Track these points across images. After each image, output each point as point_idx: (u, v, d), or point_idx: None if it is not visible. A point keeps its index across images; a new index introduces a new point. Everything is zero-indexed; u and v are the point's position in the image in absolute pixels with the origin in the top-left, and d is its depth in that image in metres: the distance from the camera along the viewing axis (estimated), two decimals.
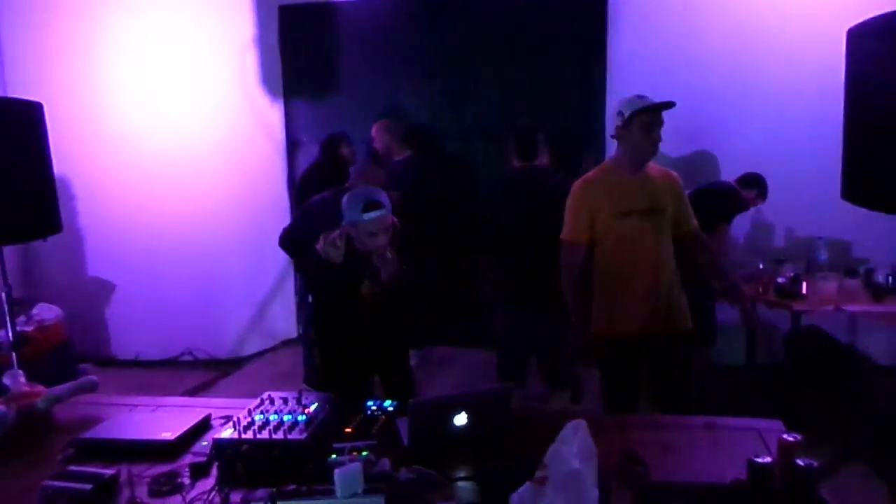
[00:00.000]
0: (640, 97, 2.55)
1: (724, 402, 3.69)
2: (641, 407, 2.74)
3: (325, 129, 4.44)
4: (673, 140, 2.77)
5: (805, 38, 4.04)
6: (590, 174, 2.68)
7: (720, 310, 3.84)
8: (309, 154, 4.76)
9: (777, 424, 1.84)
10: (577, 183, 2.66)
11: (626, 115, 2.51)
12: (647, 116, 2.50)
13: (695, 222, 2.70)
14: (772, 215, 4.14)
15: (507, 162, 3.78)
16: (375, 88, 4.83)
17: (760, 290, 3.75)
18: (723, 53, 4.21)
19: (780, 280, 3.73)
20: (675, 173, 2.70)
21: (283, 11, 4.78)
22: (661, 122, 2.53)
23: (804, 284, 3.65)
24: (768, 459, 1.51)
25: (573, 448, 1.38)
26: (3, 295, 3.05)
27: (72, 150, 4.38)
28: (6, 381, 2.24)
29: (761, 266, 3.93)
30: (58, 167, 3.07)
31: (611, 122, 2.73)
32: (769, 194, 4.00)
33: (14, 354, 3.05)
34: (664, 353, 2.62)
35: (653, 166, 2.64)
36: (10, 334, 3.11)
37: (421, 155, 4.48)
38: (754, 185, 3.90)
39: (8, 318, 3.08)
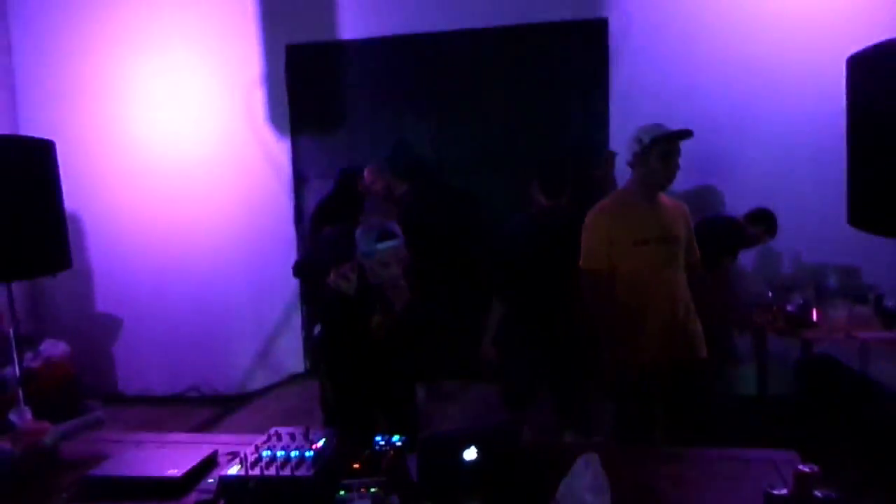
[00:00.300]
0: (659, 126, 2.55)
1: (737, 433, 3.63)
2: (656, 439, 2.70)
3: (331, 165, 4.49)
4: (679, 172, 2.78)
5: (806, 66, 4.08)
6: (605, 202, 2.67)
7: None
8: (315, 190, 4.80)
9: (792, 455, 1.80)
10: (593, 210, 2.66)
11: (646, 141, 2.51)
12: (667, 144, 2.51)
13: (697, 255, 2.70)
14: (779, 242, 4.12)
15: (529, 198, 3.58)
16: (381, 125, 4.89)
17: (770, 318, 3.72)
18: (725, 82, 4.25)
19: (789, 308, 3.70)
20: (683, 203, 2.71)
21: (291, 50, 4.87)
22: (678, 151, 2.54)
23: (814, 312, 3.62)
24: (785, 492, 1.48)
25: (586, 482, 1.36)
26: (11, 331, 3.06)
27: (82, 186, 4.44)
28: (13, 417, 2.24)
29: (770, 294, 3.90)
30: (68, 203, 3.12)
31: (613, 146, 2.79)
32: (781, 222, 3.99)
33: (21, 391, 3.04)
34: (680, 382, 2.59)
35: (662, 195, 2.65)
36: (18, 371, 3.11)
37: (419, 186, 4.50)
38: (762, 221, 3.87)
39: (15, 355, 3.08)
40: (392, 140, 4.83)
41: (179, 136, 4.76)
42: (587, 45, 4.57)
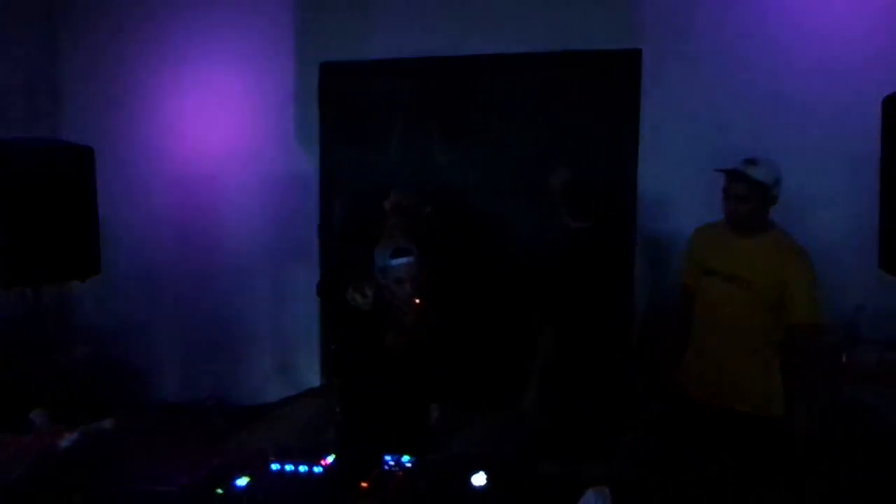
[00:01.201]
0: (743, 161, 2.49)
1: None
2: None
3: (359, 183, 4.53)
4: (697, 206, 2.73)
5: (842, 106, 4.00)
6: (711, 222, 2.62)
7: None
8: (341, 208, 4.85)
9: None
10: (698, 227, 2.64)
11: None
12: (724, 181, 2.45)
13: (802, 316, 2.43)
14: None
15: (556, 221, 3.57)
16: (410, 146, 4.93)
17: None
18: (758, 118, 4.18)
19: None
20: (802, 254, 2.46)
21: (324, 68, 4.96)
22: (735, 191, 2.44)
23: (844, 356, 3.51)
24: None
25: None
26: (38, 334, 3.12)
27: (117, 193, 4.53)
28: (33, 417, 2.27)
29: None
30: (102, 208, 3.20)
31: (642, 180, 2.74)
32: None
33: (43, 394, 3.09)
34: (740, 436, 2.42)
35: (782, 239, 2.48)
36: (42, 372, 3.16)
37: (444, 208, 4.50)
38: None
39: (41, 357, 3.14)
40: (420, 161, 4.87)
41: (211, 149, 4.86)
42: (620, 75, 4.55)
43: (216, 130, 4.88)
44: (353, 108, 5.03)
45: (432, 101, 4.91)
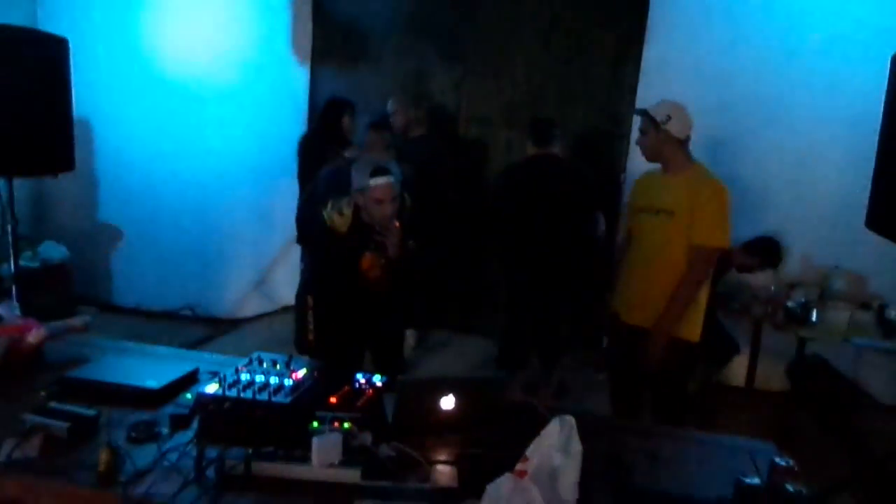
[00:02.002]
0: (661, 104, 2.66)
1: (720, 421, 3.64)
2: (643, 417, 2.77)
3: (349, 97, 4.39)
4: (696, 152, 2.71)
5: (849, 65, 3.93)
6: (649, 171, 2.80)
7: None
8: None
9: (770, 447, 1.79)
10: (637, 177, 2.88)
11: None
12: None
13: (698, 242, 2.55)
14: (790, 239, 4.05)
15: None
16: (403, 62, 4.78)
17: (769, 310, 3.68)
18: (762, 69, 4.10)
19: (790, 304, 3.66)
20: (715, 186, 2.57)
21: None
22: (644, 128, 2.65)
23: (814, 312, 3.58)
24: (757, 481, 1.47)
25: (557, 442, 1.34)
26: (10, 227, 3.05)
27: (94, 91, 4.36)
28: (0, 310, 2.24)
29: (772, 288, 3.85)
30: (78, 106, 3.06)
31: (637, 119, 2.82)
32: (789, 217, 3.90)
33: (14, 287, 3.05)
34: (666, 361, 2.58)
35: (700, 174, 2.61)
36: (13, 267, 3.11)
37: (436, 136, 4.43)
38: (761, 251, 3.73)
39: (12, 251, 3.08)
40: (414, 80, 4.73)
41: (197, 52, 4.65)
42: (625, 12, 4.41)
43: (203, 32, 4.65)
44: (348, 20, 4.83)
45: (432, 20, 4.73)
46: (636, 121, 4.15)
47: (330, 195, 2.50)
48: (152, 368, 2.02)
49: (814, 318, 3.57)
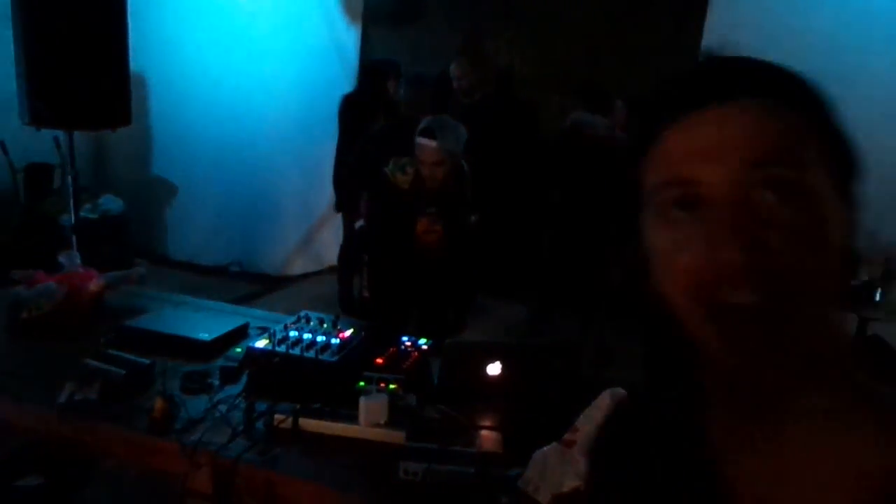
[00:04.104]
0: None
1: None
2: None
3: (400, 57, 4.33)
4: None
5: None
6: None
7: None
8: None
9: None
10: None
11: None
12: None
13: None
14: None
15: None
16: (456, 23, 4.68)
17: None
18: (834, 30, 3.85)
19: (852, 282, 3.50)
20: None
21: None
22: None
23: (878, 291, 3.41)
24: None
25: (606, 416, 1.32)
26: (70, 179, 3.14)
27: (151, 47, 4.41)
28: (62, 259, 2.31)
29: None
30: (136, 62, 3.10)
31: None
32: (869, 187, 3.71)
33: (74, 237, 3.15)
34: None
35: None
36: (73, 217, 3.21)
37: (498, 98, 4.35)
38: None
39: (72, 201, 3.18)
40: (465, 38, 4.63)
41: (252, 12, 4.65)
42: None
43: None
44: None
45: None
46: None
47: (381, 155, 2.49)
48: (204, 321, 2.06)
49: (877, 297, 3.41)
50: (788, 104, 0.51)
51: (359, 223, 3.53)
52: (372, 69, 4.19)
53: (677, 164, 0.50)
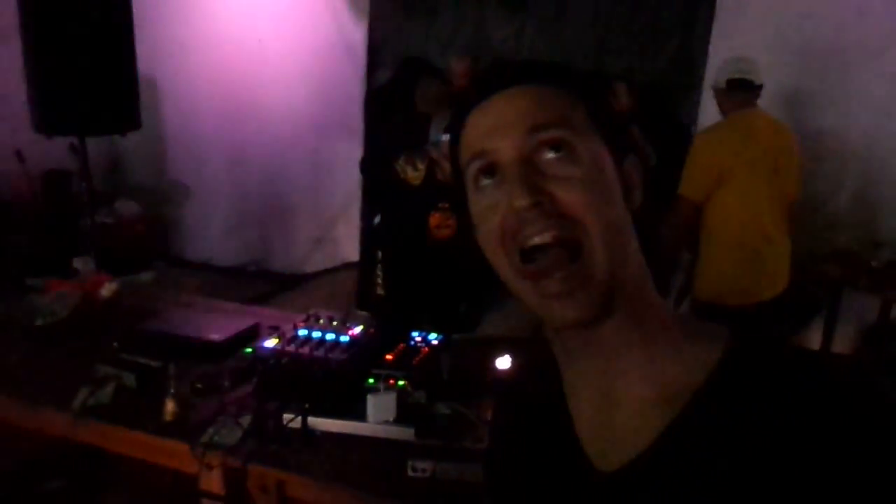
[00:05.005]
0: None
1: None
2: None
3: (407, 50, 4.30)
4: (774, 101, 2.52)
5: None
6: None
7: None
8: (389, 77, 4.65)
9: None
10: None
11: None
12: None
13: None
14: (875, 195, 3.76)
15: None
16: (464, 15, 4.64)
17: (850, 272, 3.46)
18: (847, 10, 3.74)
19: (873, 264, 3.42)
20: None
21: None
22: None
23: None
24: None
25: None
26: (84, 185, 3.18)
27: (159, 50, 4.44)
28: (77, 265, 2.34)
29: (856, 248, 3.61)
30: (145, 67, 3.12)
31: (710, 70, 2.62)
32: (875, 171, 3.61)
33: (90, 242, 3.19)
34: None
35: None
36: (89, 222, 3.25)
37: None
38: None
39: (88, 207, 3.21)
40: (472, 30, 4.58)
41: (258, 9, 4.66)
42: None
43: None
44: None
45: None
46: (709, 69, 3.94)
47: (404, 144, 2.48)
48: (216, 322, 2.07)
49: None
50: (561, 88, 0.63)
51: (376, 219, 3.53)
52: (407, 62, 4.17)
53: (477, 141, 0.62)
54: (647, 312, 0.62)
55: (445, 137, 2.31)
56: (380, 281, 2.72)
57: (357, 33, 4.81)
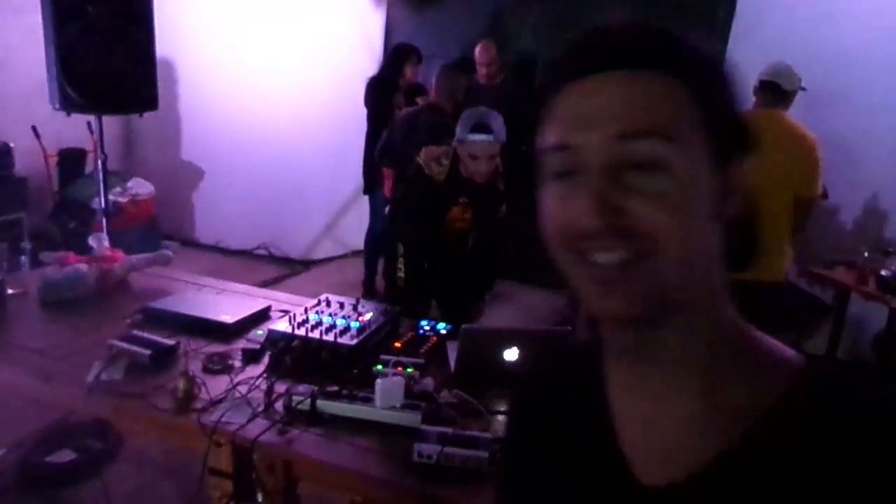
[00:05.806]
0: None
1: None
2: None
3: (424, 41, 4.30)
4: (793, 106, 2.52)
5: None
6: None
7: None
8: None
9: None
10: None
11: None
12: None
13: None
14: (889, 201, 3.75)
15: None
16: (480, 5, 4.63)
17: (858, 280, 3.45)
18: (868, 11, 3.71)
19: (883, 273, 3.41)
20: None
21: None
22: None
23: None
24: None
25: None
26: (100, 163, 3.20)
27: (179, 34, 4.46)
28: (91, 242, 2.37)
29: (866, 255, 3.60)
30: (163, 49, 3.14)
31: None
32: (890, 178, 3.60)
33: (104, 220, 3.22)
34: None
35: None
36: (103, 200, 3.28)
37: (517, 83, 4.30)
38: None
39: (102, 185, 3.24)
40: (490, 22, 4.58)
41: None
42: None
43: None
44: None
45: None
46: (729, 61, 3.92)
47: (405, 143, 2.49)
48: (227, 303, 2.10)
49: None
50: (668, 73, 0.54)
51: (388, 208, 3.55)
52: (393, 51, 4.19)
53: (562, 127, 0.55)
54: (718, 331, 0.57)
55: (474, 136, 2.32)
56: (402, 274, 2.73)
57: (375, 22, 4.81)
